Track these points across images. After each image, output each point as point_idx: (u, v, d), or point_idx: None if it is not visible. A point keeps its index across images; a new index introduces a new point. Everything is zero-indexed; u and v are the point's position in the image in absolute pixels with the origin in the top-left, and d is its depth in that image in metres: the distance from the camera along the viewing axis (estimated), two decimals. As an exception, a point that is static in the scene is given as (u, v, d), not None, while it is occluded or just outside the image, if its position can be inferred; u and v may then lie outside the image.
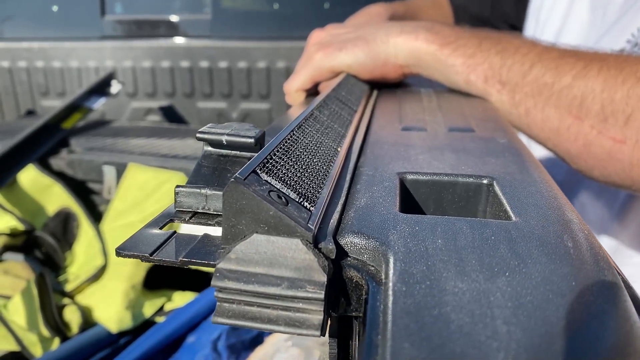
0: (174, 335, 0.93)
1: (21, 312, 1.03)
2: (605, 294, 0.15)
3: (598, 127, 0.38)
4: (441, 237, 0.17)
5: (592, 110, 0.38)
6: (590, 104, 0.38)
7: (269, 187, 0.18)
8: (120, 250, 0.19)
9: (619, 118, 0.37)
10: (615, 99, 0.37)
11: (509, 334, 0.12)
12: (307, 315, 0.16)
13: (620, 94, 0.36)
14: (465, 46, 0.43)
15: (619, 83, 0.37)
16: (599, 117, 0.38)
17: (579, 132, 0.39)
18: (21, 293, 1.04)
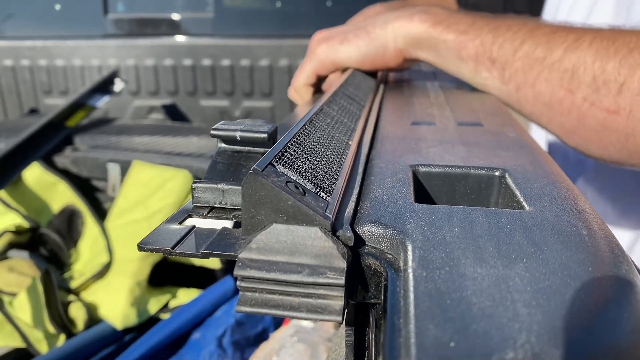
0: (179, 332, 0.94)
1: (27, 309, 1.03)
2: (621, 279, 0.15)
3: (590, 98, 0.38)
4: (458, 226, 0.18)
5: (584, 81, 0.38)
6: (582, 76, 0.38)
7: (286, 178, 0.19)
8: (143, 245, 0.19)
9: (611, 88, 0.37)
10: (607, 69, 0.37)
11: (530, 316, 0.13)
12: (328, 302, 0.17)
13: (612, 64, 0.36)
14: (458, 24, 0.44)
15: (610, 53, 0.36)
16: (591, 88, 0.38)
17: (572, 104, 0.39)
18: (26, 290, 1.05)
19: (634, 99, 0.36)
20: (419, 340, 0.12)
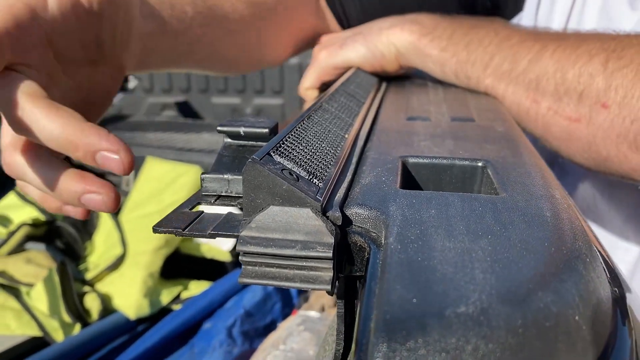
0: (190, 322, 0.97)
1: (43, 299, 1.07)
2: (573, 254, 0.17)
3: (554, 107, 0.39)
4: (435, 208, 0.20)
5: (548, 91, 0.39)
6: (545, 85, 0.39)
7: (281, 167, 0.21)
8: (157, 227, 0.22)
9: (572, 96, 0.37)
10: (567, 78, 0.37)
11: (485, 280, 0.15)
12: (319, 273, 0.19)
13: (572, 73, 0.37)
14: (440, 38, 0.45)
15: (571, 62, 0.37)
16: (554, 98, 0.39)
17: (537, 113, 0.40)
18: (43, 281, 1.08)
19: (592, 107, 0.36)
20: (386, 297, 0.14)
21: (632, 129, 0.34)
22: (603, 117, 0.36)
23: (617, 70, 0.35)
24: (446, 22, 0.46)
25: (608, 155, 0.37)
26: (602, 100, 0.35)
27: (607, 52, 0.36)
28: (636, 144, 0.35)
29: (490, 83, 0.43)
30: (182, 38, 0.44)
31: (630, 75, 0.34)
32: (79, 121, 0.27)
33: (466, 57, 0.44)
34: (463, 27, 0.45)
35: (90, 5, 0.33)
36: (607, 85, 0.35)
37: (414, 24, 0.47)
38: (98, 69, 0.36)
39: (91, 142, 0.26)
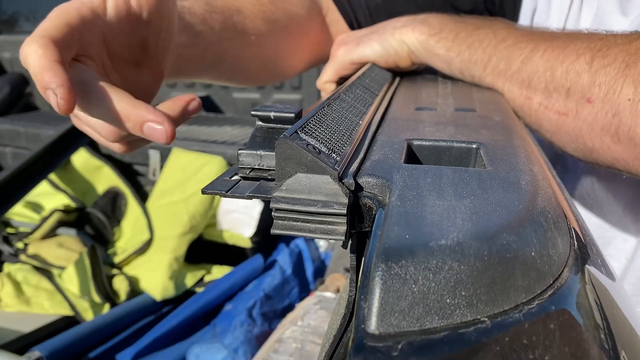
0: (212, 304, 1.02)
1: (74, 281, 1.14)
2: (539, 212, 0.22)
3: (545, 102, 0.42)
4: (430, 177, 0.25)
5: (539, 88, 0.42)
6: (536, 83, 0.42)
7: (306, 142, 0.26)
8: (205, 190, 0.27)
9: (560, 93, 0.41)
10: (556, 75, 0.41)
11: (462, 224, 0.19)
12: (335, 227, 0.24)
13: (560, 71, 0.40)
14: (446, 39, 0.50)
15: (559, 61, 0.41)
16: (545, 94, 0.42)
17: (530, 109, 0.44)
18: (74, 264, 1.15)
19: (578, 102, 0.40)
20: (387, 235, 0.19)
21: (613, 122, 0.38)
22: (588, 111, 0.39)
23: (601, 68, 0.38)
24: (453, 23, 0.51)
25: (593, 146, 0.41)
26: (587, 96, 0.39)
27: (592, 51, 0.39)
28: (618, 135, 0.38)
29: (490, 81, 0.47)
30: (211, 50, 0.49)
31: (613, 72, 0.38)
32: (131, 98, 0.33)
33: (468, 57, 0.48)
34: (467, 28, 0.49)
35: (141, 13, 0.38)
36: (592, 81, 0.38)
37: (424, 25, 0.52)
38: (141, 70, 0.41)
39: (140, 114, 0.32)
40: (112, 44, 0.38)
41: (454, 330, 0.17)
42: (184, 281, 1.12)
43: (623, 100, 0.37)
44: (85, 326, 1.02)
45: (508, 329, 0.17)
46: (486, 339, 0.17)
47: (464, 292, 0.17)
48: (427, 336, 0.17)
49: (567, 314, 0.19)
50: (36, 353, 0.89)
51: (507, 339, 0.17)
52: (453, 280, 0.17)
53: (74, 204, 1.28)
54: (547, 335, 0.18)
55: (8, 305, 1.13)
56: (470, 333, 0.17)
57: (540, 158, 0.32)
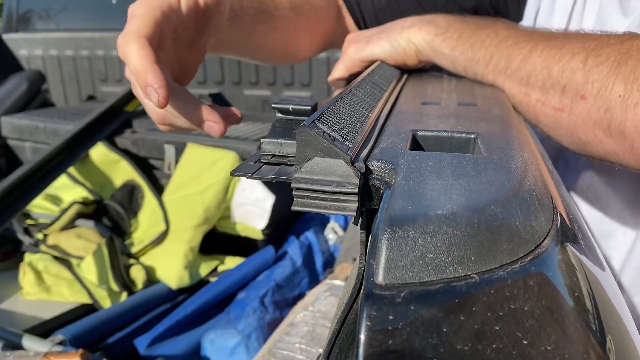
0: (226, 292, 1.06)
1: (93, 270, 1.18)
2: (525, 190, 0.25)
3: (542, 99, 0.45)
4: (431, 161, 0.28)
5: (537, 85, 0.45)
6: (534, 81, 0.45)
7: (323, 130, 0.29)
8: (234, 172, 0.30)
9: (556, 89, 0.44)
10: (552, 73, 0.43)
11: (457, 198, 0.23)
12: (348, 204, 0.27)
13: (556, 69, 0.43)
14: (451, 38, 0.53)
15: (556, 60, 0.43)
16: (542, 91, 0.45)
17: (529, 105, 0.47)
18: (93, 254, 1.20)
19: (573, 98, 0.42)
20: (392, 206, 0.22)
21: (605, 117, 0.41)
22: (582, 107, 0.42)
23: (594, 66, 0.41)
24: (458, 23, 0.54)
25: (587, 139, 0.43)
26: (581, 93, 0.42)
27: (587, 51, 0.42)
28: (609, 130, 0.41)
29: (491, 78, 0.50)
30: (244, 32, 0.56)
31: (605, 71, 0.41)
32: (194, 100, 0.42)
33: (472, 56, 0.51)
34: (470, 28, 0.52)
35: (205, 8, 0.45)
36: (586, 79, 0.41)
37: (431, 25, 0.55)
38: (192, 50, 0.47)
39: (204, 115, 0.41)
40: (178, 34, 0.44)
41: (448, 283, 0.20)
42: (199, 271, 1.16)
43: (614, 96, 0.40)
44: (105, 312, 1.06)
45: (493, 283, 0.21)
46: (475, 291, 0.20)
47: (456, 252, 0.21)
48: (425, 287, 0.20)
49: (545, 275, 0.22)
50: (59, 337, 0.93)
51: (492, 292, 0.20)
52: (447, 242, 0.21)
53: (92, 196, 1.32)
54: (526, 290, 0.21)
55: (30, 293, 1.18)
56: (462, 286, 0.20)
57: (533, 147, 0.35)
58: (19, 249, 1.37)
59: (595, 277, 0.28)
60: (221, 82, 1.80)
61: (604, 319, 0.25)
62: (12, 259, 1.37)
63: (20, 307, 1.16)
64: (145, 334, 0.99)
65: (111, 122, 1.41)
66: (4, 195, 1.08)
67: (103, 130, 1.37)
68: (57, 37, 1.95)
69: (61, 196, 1.36)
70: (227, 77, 1.79)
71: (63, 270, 1.21)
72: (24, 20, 2.00)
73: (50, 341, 0.91)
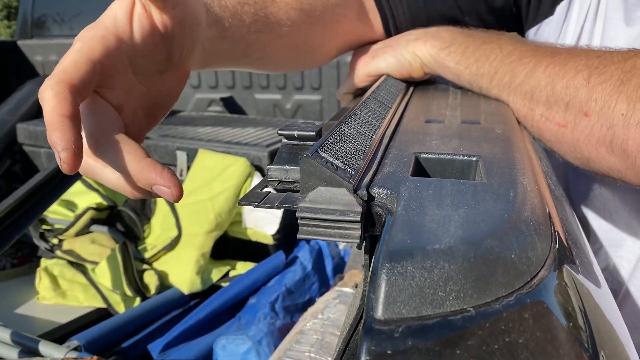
0: (237, 297, 1.08)
1: (107, 275, 1.20)
2: (521, 221, 0.26)
3: (545, 114, 0.46)
4: (432, 189, 0.29)
5: (540, 101, 0.46)
6: (538, 96, 0.46)
7: (325, 160, 0.30)
8: (241, 202, 0.31)
9: (560, 106, 0.44)
10: (556, 90, 0.44)
11: (455, 231, 0.24)
12: (351, 232, 0.28)
13: (560, 86, 0.44)
14: (455, 52, 0.53)
15: (560, 77, 0.44)
16: (546, 106, 0.45)
17: (533, 119, 0.47)
18: (107, 259, 1.22)
19: (576, 115, 0.43)
20: (391, 239, 0.23)
21: (608, 135, 0.41)
22: (585, 123, 0.43)
23: (597, 84, 0.42)
24: (462, 37, 0.54)
25: (590, 156, 0.44)
26: (584, 110, 0.42)
27: (590, 68, 0.43)
28: (612, 147, 0.41)
29: (496, 93, 0.51)
30: (239, 42, 0.48)
31: (609, 88, 0.41)
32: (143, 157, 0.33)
33: (476, 70, 0.52)
34: (475, 42, 0.53)
35: (165, 30, 0.38)
36: (589, 96, 0.42)
37: (435, 39, 0.55)
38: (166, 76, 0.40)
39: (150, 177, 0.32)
40: (137, 63, 0.37)
41: (444, 317, 0.21)
42: (210, 276, 1.18)
43: (617, 114, 0.41)
44: (119, 318, 1.08)
45: (489, 317, 0.22)
46: (470, 324, 0.21)
47: (453, 286, 0.22)
48: (423, 321, 0.21)
49: (541, 306, 0.23)
50: (74, 342, 0.95)
51: (487, 325, 0.21)
52: (444, 277, 0.22)
53: (106, 202, 1.35)
54: (521, 322, 0.22)
55: (45, 297, 1.20)
56: (458, 320, 0.21)
57: (535, 168, 0.36)
58: (34, 254, 1.40)
59: (592, 302, 0.28)
60: (232, 87, 1.82)
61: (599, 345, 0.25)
62: (29, 263, 1.40)
63: (37, 311, 1.19)
64: (158, 339, 1.00)
65: (124, 128, 1.42)
66: (22, 202, 1.10)
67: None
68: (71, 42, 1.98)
69: (76, 202, 1.39)
70: (238, 81, 1.81)
71: (78, 275, 1.23)
72: (39, 26, 2.03)
73: (65, 347, 0.93)
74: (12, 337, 0.95)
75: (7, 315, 1.16)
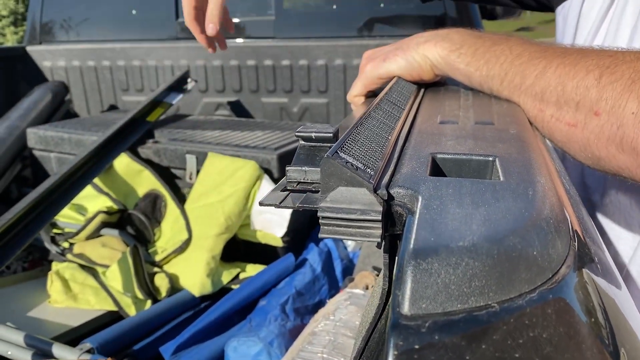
0: (247, 300, 1.08)
1: (118, 278, 1.21)
2: (541, 218, 0.26)
3: (556, 115, 0.46)
4: (452, 188, 0.29)
5: (551, 101, 0.46)
6: (548, 97, 0.46)
7: (345, 160, 0.31)
8: (262, 202, 0.32)
9: (570, 105, 0.44)
10: (567, 90, 0.44)
11: (477, 229, 0.24)
12: (372, 231, 0.28)
13: (571, 86, 0.44)
14: (465, 54, 0.54)
15: (570, 77, 0.44)
16: (556, 107, 0.46)
17: (543, 120, 0.48)
18: (117, 262, 1.23)
19: (587, 114, 0.43)
20: (416, 237, 0.24)
21: (618, 134, 0.41)
22: (595, 123, 0.43)
23: (608, 84, 0.42)
24: (472, 39, 0.55)
25: (600, 155, 0.44)
26: (594, 109, 0.43)
27: (601, 68, 0.43)
28: (622, 146, 0.42)
29: (507, 94, 0.51)
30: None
31: (619, 88, 0.41)
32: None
33: (486, 72, 0.52)
34: (485, 44, 0.53)
35: None
36: (599, 96, 0.42)
37: (445, 41, 0.56)
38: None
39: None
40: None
41: (470, 313, 0.22)
42: (221, 278, 1.18)
43: (627, 113, 0.41)
44: (131, 320, 1.09)
45: (513, 312, 0.22)
46: (495, 319, 0.22)
47: (477, 283, 0.22)
48: (448, 317, 0.21)
49: (563, 302, 0.24)
50: (87, 345, 0.96)
51: (512, 320, 0.22)
52: (469, 273, 0.22)
53: (116, 206, 1.35)
54: (545, 317, 0.22)
55: (57, 301, 1.21)
56: (483, 315, 0.22)
57: (551, 168, 0.36)
58: (45, 257, 1.41)
59: (611, 300, 0.29)
60: (239, 91, 1.83)
61: (619, 342, 0.26)
62: (40, 267, 1.41)
63: (49, 314, 1.20)
64: (170, 342, 1.01)
65: (134, 132, 1.44)
66: (33, 206, 1.11)
67: (126, 141, 1.40)
68: (79, 48, 2.00)
69: (86, 206, 1.40)
70: (245, 85, 1.82)
71: (89, 279, 1.24)
72: (47, 32, 2.05)
73: (79, 349, 0.94)
74: (25, 339, 0.95)
75: (19, 319, 1.17)
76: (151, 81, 1.95)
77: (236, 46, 1.79)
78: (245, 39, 1.80)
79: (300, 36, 1.73)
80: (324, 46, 1.69)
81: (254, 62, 1.78)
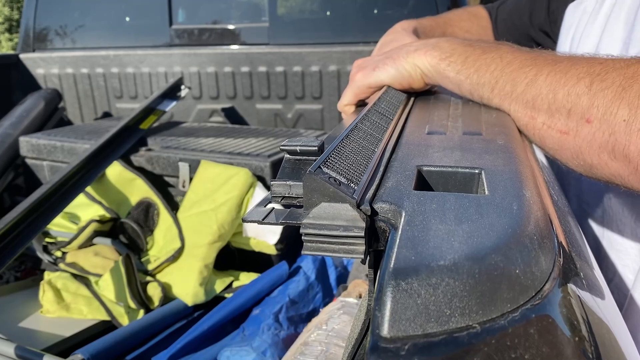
0: (241, 308, 1.07)
1: (111, 287, 1.20)
2: (525, 235, 0.26)
3: (547, 122, 0.46)
4: (435, 203, 0.29)
5: (542, 109, 0.46)
6: (540, 104, 0.46)
7: (328, 175, 0.30)
8: (245, 218, 0.31)
9: (562, 113, 0.44)
10: (558, 97, 0.44)
11: (459, 247, 0.24)
12: (355, 247, 0.28)
13: (562, 93, 0.44)
14: (455, 62, 0.53)
15: (561, 85, 0.44)
16: (547, 114, 0.45)
17: (534, 128, 0.47)
18: (110, 271, 1.22)
19: (578, 121, 0.43)
20: (397, 256, 0.23)
21: (610, 141, 0.41)
22: (587, 130, 0.43)
23: (599, 91, 0.42)
24: (462, 47, 0.55)
25: (592, 162, 0.44)
26: (586, 116, 0.42)
27: (592, 75, 0.43)
28: (614, 153, 0.41)
29: (497, 102, 0.51)
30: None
31: (610, 95, 0.41)
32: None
33: (477, 80, 0.52)
34: (475, 52, 0.53)
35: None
36: (591, 103, 0.42)
37: (435, 49, 0.56)
38: None
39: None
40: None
41: (450, 334, 0.21)
42: (214, 287, 1.18)
43: (619, 121, 0.41)
44: (123, 330, 1.08)
45: (495, 333, 0.22)
46: (476, 341, 0.21)
47: (458, 303, 0.22)
48: (428, 339, 0.21)
49: (546, 320, 0.23)
50: (79, 356, 0.95)
51: (493, 341, 0.21)
52: (449, 293, 0.22)
53: (109, 214, 1.35)
54: (527, 338, 0.22)
55: (49, 311, 1.20)
56: (463, 337, 0.21)
57: (537, 179, 0.36)
58: (38, 267, 1.40)
59: (596, 315, 0.28)
60: (233, 97, 1.83)
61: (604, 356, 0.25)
62: (32, 277, 1.40)
63: (41, 324, 1.19)
64: (163, 351, 1.00)
65: (127, 140, 1.43)
66: (25, 215, 1.10)
67: (119, 149, 1.39)
68: (73, 55, 2.00)
69: (79, 214, 1.39)
70: (239, 91, 1.82)
71: (81, 288, 1.23)
72: (40, 39, 2.05)
73: (70, 360, 0.93)
74: (16, 351, 0.94)
75: (10, 329, 1.15)
76: (145, 88, 1.94)
77: (230, 52, 1.79)
78: (239, 45, 1.80)
79: (294, 42, 1.73)
80: (318, 52, 1.69)
81: (248, 68, 1.78)
